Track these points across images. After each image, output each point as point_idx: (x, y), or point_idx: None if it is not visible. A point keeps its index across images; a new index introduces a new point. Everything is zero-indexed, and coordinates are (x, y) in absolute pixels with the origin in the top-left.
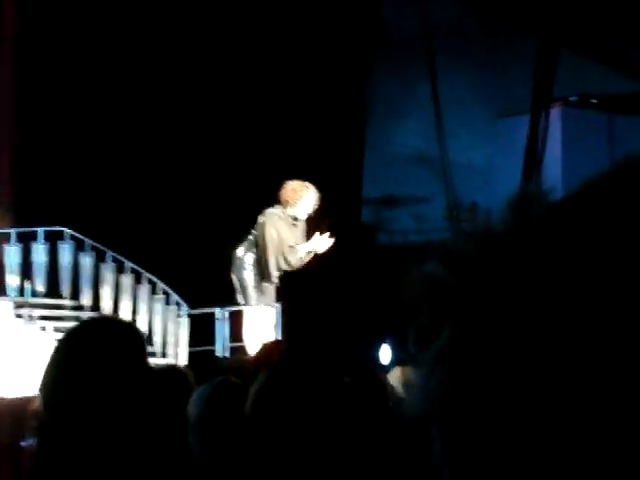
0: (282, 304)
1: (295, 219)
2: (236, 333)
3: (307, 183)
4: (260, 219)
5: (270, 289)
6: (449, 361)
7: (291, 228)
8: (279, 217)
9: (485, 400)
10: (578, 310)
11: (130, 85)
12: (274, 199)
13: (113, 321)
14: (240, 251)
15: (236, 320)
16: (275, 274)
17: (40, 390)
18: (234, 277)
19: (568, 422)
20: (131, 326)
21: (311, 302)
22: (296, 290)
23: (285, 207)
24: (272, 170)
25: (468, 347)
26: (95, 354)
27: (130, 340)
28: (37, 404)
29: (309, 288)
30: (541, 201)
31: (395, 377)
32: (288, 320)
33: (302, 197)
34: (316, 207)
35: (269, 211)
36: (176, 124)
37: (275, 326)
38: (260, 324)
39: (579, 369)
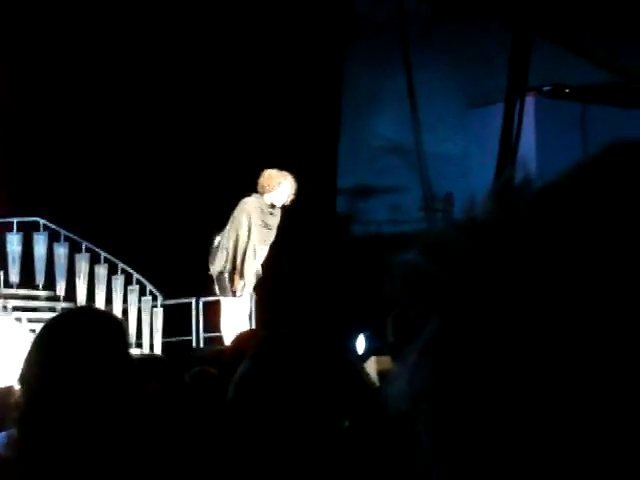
0: (257, 294)
1: (272, 207)
2: (211, 323)
3: (285, 172)
4: (236, 209)
5: (246, 279)
6: (436, 354)
7: (267, 216)
8: (255, 206)
9: (474, 395)
10: (567, 300)
11: (106, 75)
12: (250, 188)
13: (93, 311)
14: (216, 241)
15: (211, 311)
16: (248, 264)
17: (20, 381)
18: (211, 267)
19: (559, 418)
20: (111, 316)
21: (286, 292)
22: (271, 280)
23: (262, 194)
24: (249, 160)
25: (456, 339)
26: (75, 344)
27: (111, 330)
28: (17, 395)
29: (284, 278)
30: (524, 190)
31: (371, 367)
32: (263, 310)
33: (280, 184)
34: (293, 196)
35: (244, 200)
36: (152, 115)
37: (250, 316)
38: (236, 314)
39: (569, 362)
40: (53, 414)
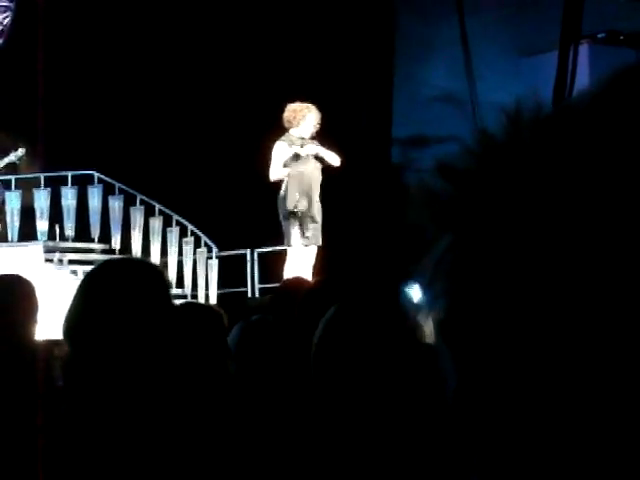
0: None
1: (302, 139)
2: (266, 274)
3: (308, 103)
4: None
5: (311, 228)
6: (449, 268)
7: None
8: (284, 146)
9: (486, 305)
10: (565, 219)
11: (159, 27)
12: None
13: (130, 260)
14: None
15: (266, 262)
16: (301, 208)
17: (64, 330)
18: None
19: (565, 326)
20: (150, 264)
21: (338, 240)
22: (323, 229)
23: (288, 129)
24: None
25: (468, 254)
26: (115, 290)
27: (150, 277)
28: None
29: (337, 227)
30: (536, 112)
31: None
32: (316, 259)
33: (305, 117)
34: (319, 126)
35: (276, 146)
36: (209, 71)
37: (314, 266)
38: (300, 264)
39: (571, 277)
40: (95, 360)
